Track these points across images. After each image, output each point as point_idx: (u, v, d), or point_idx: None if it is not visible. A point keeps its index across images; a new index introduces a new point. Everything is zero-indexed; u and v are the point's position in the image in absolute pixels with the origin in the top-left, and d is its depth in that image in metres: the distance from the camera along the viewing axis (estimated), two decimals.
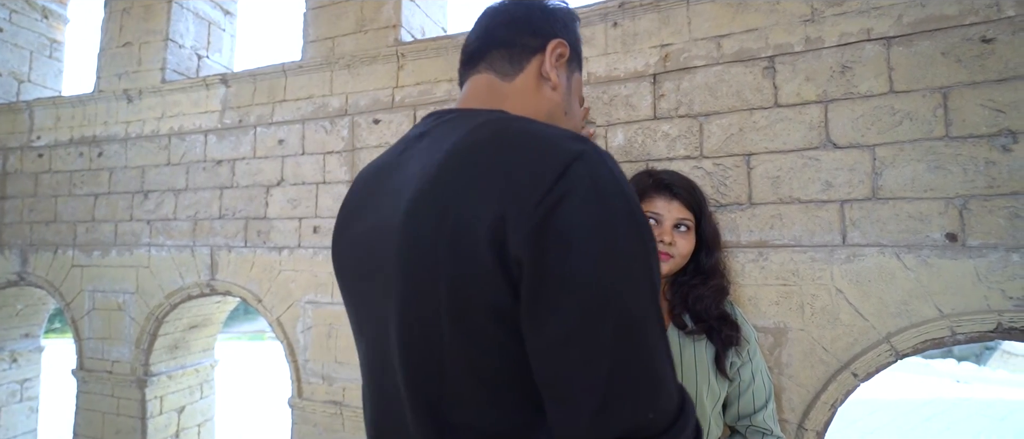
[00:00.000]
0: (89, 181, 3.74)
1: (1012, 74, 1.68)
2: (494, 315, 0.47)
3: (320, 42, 3.03)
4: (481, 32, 0.70)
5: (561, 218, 0.44)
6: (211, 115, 3.34)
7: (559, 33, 0.69)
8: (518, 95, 0.66)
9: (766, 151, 1.99)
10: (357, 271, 0.67)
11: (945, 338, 1.74)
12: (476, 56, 0.69)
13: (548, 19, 0.69)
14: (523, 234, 0.44)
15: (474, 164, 0.50)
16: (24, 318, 4.38)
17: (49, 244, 3.85)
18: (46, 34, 4.63)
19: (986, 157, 1.69)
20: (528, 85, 0.66)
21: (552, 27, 0.69)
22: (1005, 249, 1.65)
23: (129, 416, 3.42)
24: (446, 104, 2.65)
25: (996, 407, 9.67)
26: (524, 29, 0.68)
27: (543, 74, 0.67)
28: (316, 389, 2.86)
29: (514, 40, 0.67)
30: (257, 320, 18.95)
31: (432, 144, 0.58)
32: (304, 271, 2.95)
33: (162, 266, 3.39)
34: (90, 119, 3.79)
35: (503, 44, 0.67)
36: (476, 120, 0.57)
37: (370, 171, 0.73)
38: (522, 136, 0.51)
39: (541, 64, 0.67)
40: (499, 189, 0.47)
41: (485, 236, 0.46)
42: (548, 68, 0.67)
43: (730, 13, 2.09)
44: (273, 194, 3.09)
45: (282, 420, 7.68)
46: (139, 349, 3.41)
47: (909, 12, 1.82)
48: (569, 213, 0.44)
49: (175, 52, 3.62)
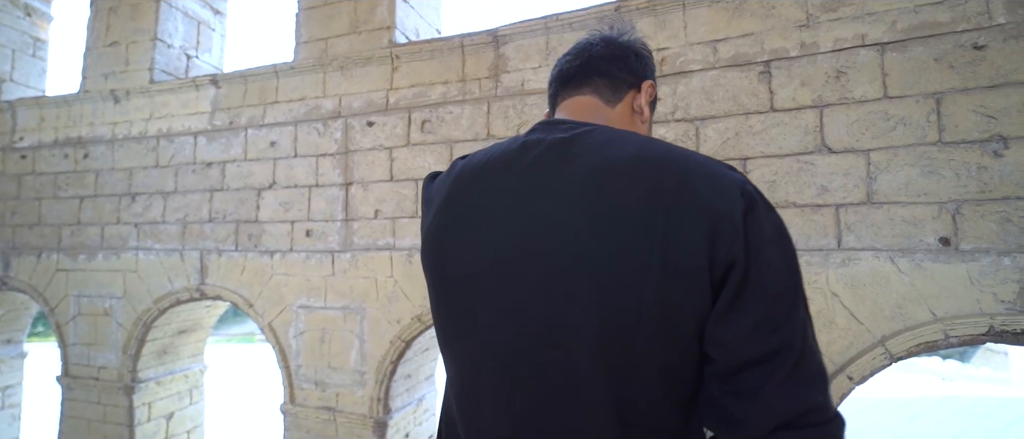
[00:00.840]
0: (74, 183, 3.66)
1: (1003, 80, 1.70)
2: (694, 317, 0.55)
3: (313, 43, 3.00)
4: (583, 60, 0.80)
5: (756, 226, 0.55)
6: (201, 116, 3.29)
7: (649, 76, 0.81)
8: (619, 120, 0.76)
9: (762, 155, 2.00)
10: (483, 267, 0.67)
11: (938, 341, 1.76)
12: (578, 79, 0.80)
13: (642, 62, 0.81)
14: (734, 241, 0.54)
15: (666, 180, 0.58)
16: (6, 323, 4.27)
17: (32, 248, 3.76)
18: (29, 32, 4.53)
19: (978, 162, 1.71)
20: (625, 114, 0.78)
21: (645, 69, 0.81)
22: (997, 253, 1.67)
23: (116, 423, 3.35)
24: (441, 106, 2.64)
25: (981, 405, 9.84)
26: (623, 66, 0.79)
27: (635, 108, 0.79)
28: (309, 395, 2.82)
29: (614, 73, 0.78)
30: (247, 322, 18.73)
31: (592, 153, 0.65)
32: (296, 275, 2.91)
33: (150, 270, 3.32)
34: (75, 120, 3.71)
35: (604, 75, 0.78)
36: (627, 137, 0.66)
37: (476, 170, 0.74)
38: (694, 158, 0.61)
39: (634, 99, 0.79)
40: (705, 205, 0.56)
41: (701, 245, 0.54)
42: (642, 104, 0.79)
43: (726, 18, 2.10)
44: (265, 197, 3.04)
45: (274, 426, 7.58)
46: (126, 355, 3.34)
47: (903, 18, 1.84)
48: (760, 222, 0.55)
49: (164, 52, 3.56)
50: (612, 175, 0.61)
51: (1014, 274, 1.64)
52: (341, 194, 2.83)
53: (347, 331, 2.76)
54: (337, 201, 2.83)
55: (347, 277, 2.78)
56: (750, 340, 0.54)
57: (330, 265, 2.82)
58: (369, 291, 2.72)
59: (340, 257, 2.80)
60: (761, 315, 0.54)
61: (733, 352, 0.55)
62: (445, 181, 0.77)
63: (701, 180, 0.58)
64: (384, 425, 2.66)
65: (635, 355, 0.56)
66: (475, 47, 2.58)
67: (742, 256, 0.54)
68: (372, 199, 2.75)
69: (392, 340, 2.65)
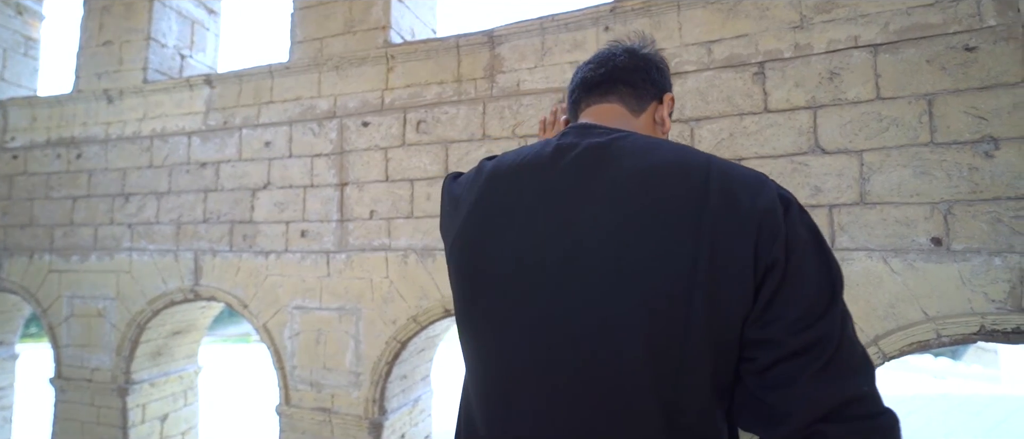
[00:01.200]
0: (67, 183, 3.63)
1: (994, 82, 1.72)
2: (739, 319, 0.57)
3: (308, 43, 2.98)
4: (608, 69, 0.82)
5: (793, 228, 0.58)
6: (195, 117, 3.27)
7: (669, 88, 0.84)
8: (643, 129, 0.79)
9: (756, 156, 2.01)
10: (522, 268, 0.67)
11: (931, 341, 1.77)
12: (603, 87, 0.82)
13: (662, 74, 0.84)
14: (775, 242, 0.56)
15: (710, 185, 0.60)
16: None
17: (24, 248, 3.73)
18: (21, 31, 4.49)
19: (969, 163, 1.73)
20: (648, 123, 0.81)
21: (666, 82, 0.84)
22: (988, 253, 1.69)
23: (110, 425, 3.32)
24: (437, 107, 2.63)
25: (972, 402, 9.94)
26: (645, 77, 0.81)
27: (657, 119, 0.82)
28: (304, 396, 2.82)
29: (637, 83, 0.81)
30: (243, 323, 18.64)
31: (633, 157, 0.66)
32: (291, 276, 2.90)
33: (144, 271, 3.30)
34: (68, 120, 3.68)
35: (629, 84, 0.80)
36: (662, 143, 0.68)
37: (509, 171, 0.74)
38: (731, 164, 0.63)
39: (656, 110, 0.82)
40: (749, 209, 0.58)
41: (747, 248, 0.56)
42: (664, 115, 0.82)
43: (720, 19, 2.11)
44: (259, 197, 3.03)
45: (269, 427, 7.55)
46: (120, 356, 3.32)
47: (895, 20, 1.85)
48: (797, 224, 0.58)
49: (157, 51, 3.54)
50: (655, 179, 0.63)
51: (1004, 274, 1.66)
52: (336, 194, 2.82)
53: (342, 332, 2.76)
54: (332, 201, 2.83)
55: (342, 278, 2.77)
56: (788, 334, 0.55)
57: (325, 266, 2.82)
58: (364, 292, 2.71)
59: (335, 258, 2.80)
60: (799, 311, 0.55)
61: (770, 347, 0.56)
62: (475, 181, 0.77)
63: (741, 185, 0.60)
64: (380, 426, 2.66)
65: (684, 357, 0.57)
66: (470, 47, 2.58)
67: (782, 256, 0.56)
68: (367, 200, 2.75)
69: (388, 341, 2.64)
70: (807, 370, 0.53)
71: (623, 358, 0.58)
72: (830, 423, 0.51)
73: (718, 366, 0.58)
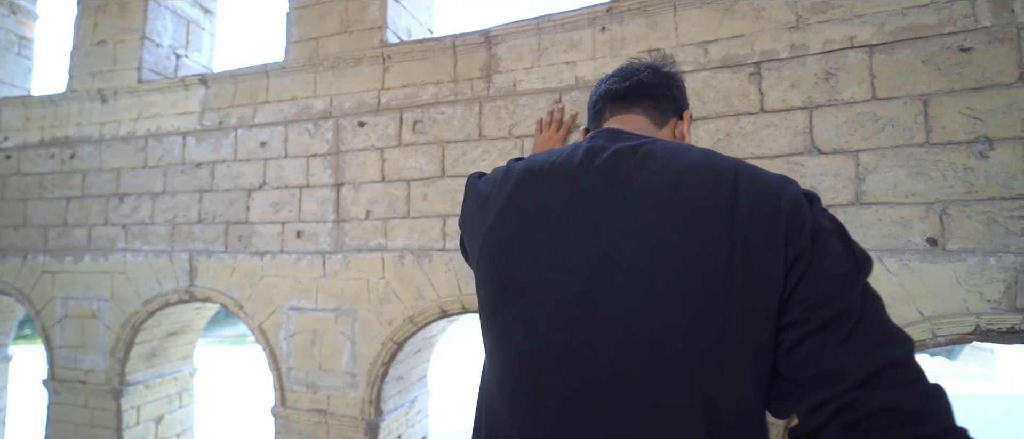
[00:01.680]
0: (61, 184, 3.61)
1: (989, 82, 1.72)
2: (774, 309, 0.59)
3: (304, 43, 2.97)
4: (632, 83, 0.86)
5: (816, 221, 0.61)
6: (190, 117, 3.25)
7: (687, 105, 0.90)
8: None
9: (752, 156, 2.01)
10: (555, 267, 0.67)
11: (926, 341, 1.77)
12: (628, 99, 0.86)
13: (682, 93, 0.89)
14: (802, 235, 0.59)
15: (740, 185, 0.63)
16: None
17: (17, 249, 3.70)
18: (14, 30, 4.46)
19: (965, 163, 1.73)
20: (669, 137, 0.85)
21: (685, 100, 0.89)
22: (983, 253, 1.69)
23: (104, 427, 3.30)
24: (433, 107, 2.63)
25: (968, 401, 9.98)
26: (667, 94, 0.86)
27: (677, 134, 0.87)
28: (300, 397, 2.80)
29: (660, 98, 0.85)
30: (238, 324, 18.56)
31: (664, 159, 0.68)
32: (287, 277, 2.88)
33: (139, 272, 3.28)
34: (62, 120, 3.65)
35: (653, 98, 0.85)
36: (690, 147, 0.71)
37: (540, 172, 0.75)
38: (756, 167, 0.68)
39: (676, 126, 0.87)
40: (778, 208, 0.61)
41: (779, 245, 0.59)
42: (684, 130, 0.87)
43: (717, 19, 2.11)
44: (255, 198, 3.01)
45: (265, 428, 7.51)
46: (114, 358, 3.30)
47: (891, 21, 1.85)
48: (819, 217, 0.62)
49: (152, 51, 3.52)
50: (687, 180, 0.65)
51: (999, 274, 1.66)
52: (332, 195, 2.81)
53: (338, 333, 2.75)
54: (328, 202, 2.82)
55: (338, 278, 2.76)
56: (811, 312, 0.57)
57: (321, 266, 2.81)
58: (360, 293, 2.70)
59: (331, 258, 2.79)
60: (823, 291, 0.57)
61: (796, 327, 0.58)
62: (505, 181, 0.78)
63: (767, 185, 0.63)
64: (376, 427, 2.65)
65: (722, 353, 0.58)
66: (467, 47, 2.58)
67: (808, 244, 0.59)
68: (363, 200, 2.74)
69: (384, 342, 2.63)
70: (831, 341, 0.54)
71: (662, 354, 0.58)
72: (866, 390, 0.51)
73: (758, 365, 0.59)
